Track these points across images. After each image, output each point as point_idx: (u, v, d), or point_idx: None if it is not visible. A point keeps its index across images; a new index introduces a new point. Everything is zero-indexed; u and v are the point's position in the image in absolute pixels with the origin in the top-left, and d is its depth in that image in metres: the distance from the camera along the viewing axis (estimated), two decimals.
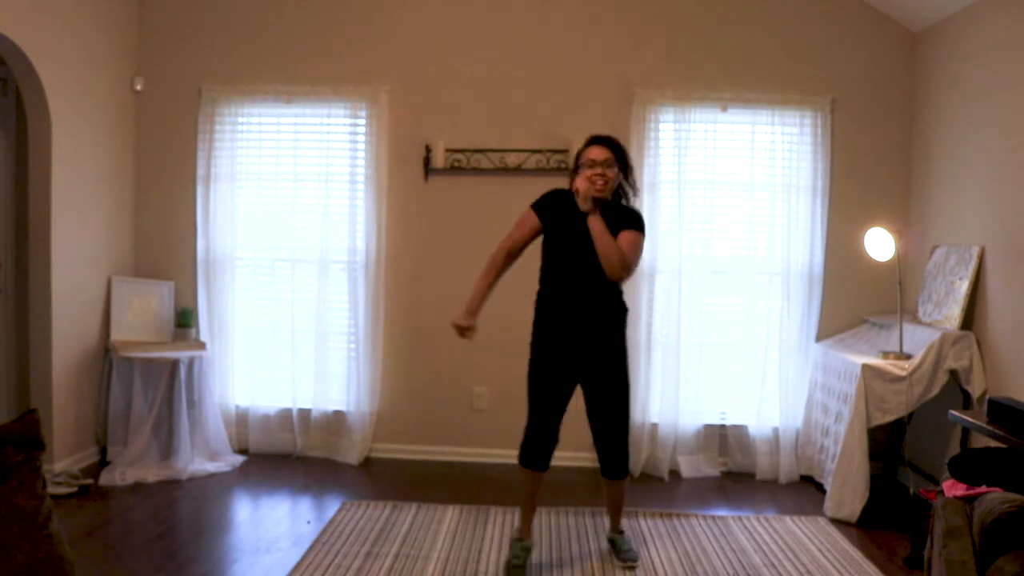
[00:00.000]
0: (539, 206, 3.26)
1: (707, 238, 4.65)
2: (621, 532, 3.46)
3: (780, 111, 4.60)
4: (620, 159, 3.20)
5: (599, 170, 3.11)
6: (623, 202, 3.31)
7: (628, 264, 3.13)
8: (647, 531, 3.70)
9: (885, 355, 3.97)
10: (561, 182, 4.58)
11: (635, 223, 3.21)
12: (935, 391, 3.81)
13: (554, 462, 4.18)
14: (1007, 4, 3.76)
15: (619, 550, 3.38)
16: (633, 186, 3.32)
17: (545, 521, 3.78)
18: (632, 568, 3.27)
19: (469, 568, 3.25)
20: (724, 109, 4.60)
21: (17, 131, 4.41)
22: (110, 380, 4.46)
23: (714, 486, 4.47)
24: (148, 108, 4.85)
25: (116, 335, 4.57)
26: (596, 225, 3.08)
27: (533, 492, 3.32)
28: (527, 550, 3.29)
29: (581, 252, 3.14)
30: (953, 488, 2.62)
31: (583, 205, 3.09)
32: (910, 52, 4.63)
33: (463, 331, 3.25)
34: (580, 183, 3.13)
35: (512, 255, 3.27)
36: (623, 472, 3.32)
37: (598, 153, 3.14)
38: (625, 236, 3.15)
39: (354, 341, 4.73)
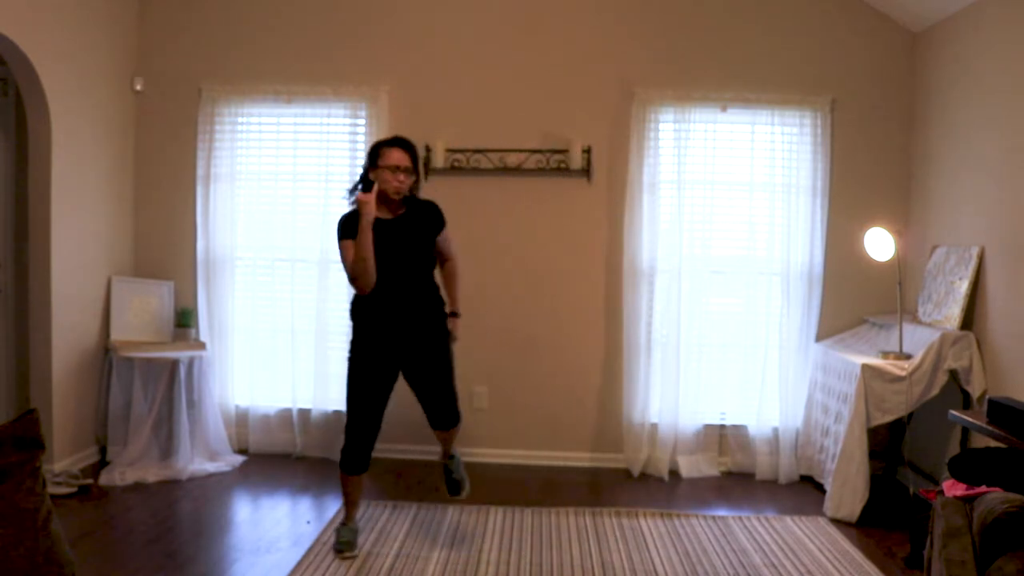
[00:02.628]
0: (347, 225, 3.27)
1: (707, 238, 4.65)
2: (452, 457, 3.67)
3: (780, 111, 4.60)
4: (416, 163, 3.34)
5: (401, 177, 3.26)
6: (417, 194, 3.44)
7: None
8: (647, 531, 3.70)
9: (885, 355, 3.97)
10: (561, 182, 4.64)
11: (442, 220, 3.45)
12: (935, 391, 3.81)
13: (554, 462, 4.23)
14: (1007, 4, 3.76)
15: (451, 472, 3.64)
16: (417, 187, 3.44)
17: (545, 521, 3.79)
18: (463, 493, 3.63)
19: (469, 568, 3.25)
20: (724, 109, 4.60)
21: (17, 131, 4.40)
22: (110, 380, 4.46)
23: (714, 486, 4.47)
24: (148, 108, 4.85)
25: (116, 335, 4.57)
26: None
27: (357, 490, 3.49)
28: (354, 531, 3.45)
29: (392, 257, 3.27)
30: (953, 488, 2.62)
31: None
32: (910, 52, 4.64)
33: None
34: (379, 185, 3.25)
35: (361, 270, 3.25)
36: (455, 420, 3.55)
37: (400, 158, 3.26)
38: (448, 239, 3.49)
39: None
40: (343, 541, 3.38)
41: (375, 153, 3.31)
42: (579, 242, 4.72)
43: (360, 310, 3.37)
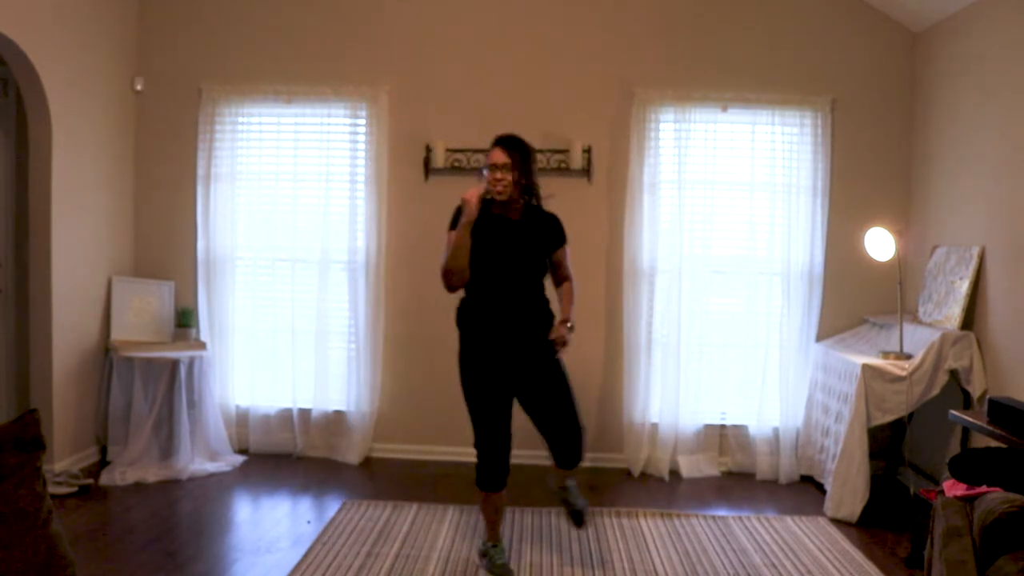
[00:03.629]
0: (454, 223, 3.20)
1: (707, 238, 4.65)
2: (571, 484, 3.38)
3: (780, 111, 4.60)
4: (522, 160, 3.16)
5: (499, 174, 3.13)
6: (535, 201, 3.28)
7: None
8: (647, 531, 3.70)
9: (885, 355, 3.97)
10: (561, 182, 4.62)
11: (563, 236, 3.30)
12: (935, 391, 3.81)
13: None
14: (1007, 4, 3.76)
15: (569, 501, 3.35)
16: (536, 183, 3.25)
17: (545, 521, 3.79)
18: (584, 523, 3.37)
19: (469, 568, 3.25)
20: (724, 109, 4.60)
21: (17, 131, 4.40)
22: (110, 380, 4.46)
23: (714, 486, 4.47)
24: (148, 108, 4.85)
25: (116, 335, 4.57)
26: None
27: (499, 509, 3.28)
28: (503, 551, 3.29)
29: (502, 258, 3.15)
30: (953, 488, 2.62)
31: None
32: (910, 52, 4.63)
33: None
34: (476, 190, 3.12)
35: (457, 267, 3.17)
36: (578, 459, 3.28)
37: (498, 156, 3.14)
38: (565, 257, 3.31)
39: (354, 341, 4.73)
40: (498, 564, 3.20)
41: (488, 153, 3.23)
42: (579, 242, 4.67)
43: (465, 315, 3.22)
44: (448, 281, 3.16)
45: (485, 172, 3.18)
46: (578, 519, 3.33)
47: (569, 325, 3.21)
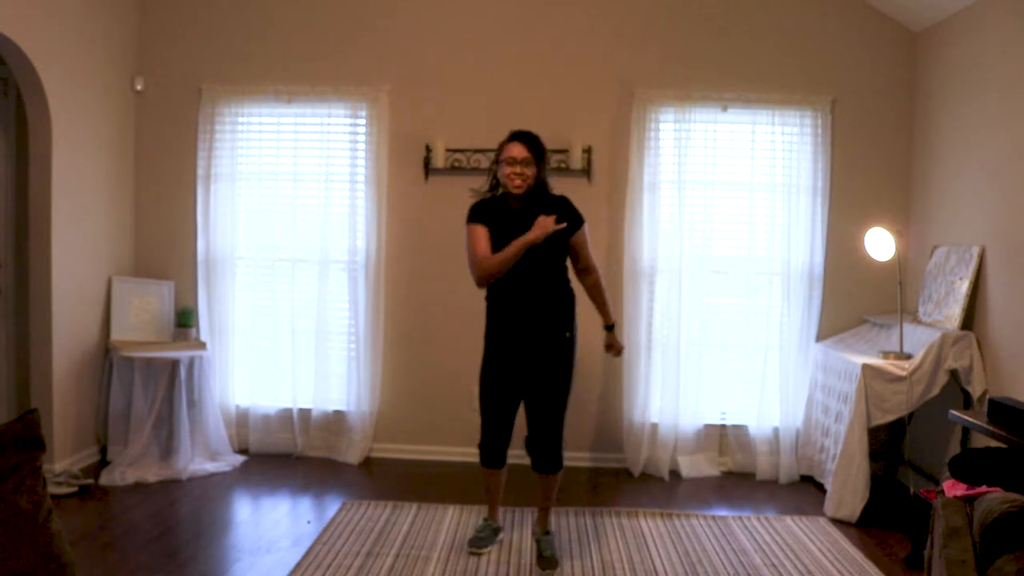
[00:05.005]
0: (479, 217, 3.32)
1: (707, 238, 4.65)
2: (547, 531, 3.40)
3: (780, 111, 4.60)
4: (539, 156, 3.24)
5: (518, 169, 3.19)
6: (551, 191, 3.34)
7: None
8: (647, 531, 3.70)
9: (885, 355, 3.97)
10: (561, 182, 4.60)
11: (580, 218, 3.31)
12: (935, 391, 3.81)
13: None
14: (1007, 4, 3.76)
15: (541, 551, 3.30)
16: (547, 180, 3.32)
17: None
18: (551, 572, 3.20)
19: (469, 568, 3.25)
20: (724, 109, 4.60)
21: (17, 131, 4.40)
22: (110, 380, 4.46)
23: (714, 486, 4.47)
24: (148, 108, 4.85)
25: (116, 335, 4.57)
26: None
27: (497, 486, 3.47)
28: (495, 531, 3.43)
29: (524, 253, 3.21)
30: (953, 488, 2.62)
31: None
32: (910, 52, 4.63)
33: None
34: (501, 177, 3.24)
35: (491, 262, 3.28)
36: (556, 467, 3.33)
37: (517, 151, 3.20)
38: (586, 242, 3.34)
39: (354, 341, 4.73)
40: (478, 536, 3.41)
41: (499, 149, 3.29)
42: None
43: (493, 299, 3.34)
44: (483, 282, 3.28)
45: (500, 166, 3.24)
46: (544, 565, 3.24)
47: (612, 328, 3.42)
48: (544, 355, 3.26)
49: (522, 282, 3.25)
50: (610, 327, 3.49)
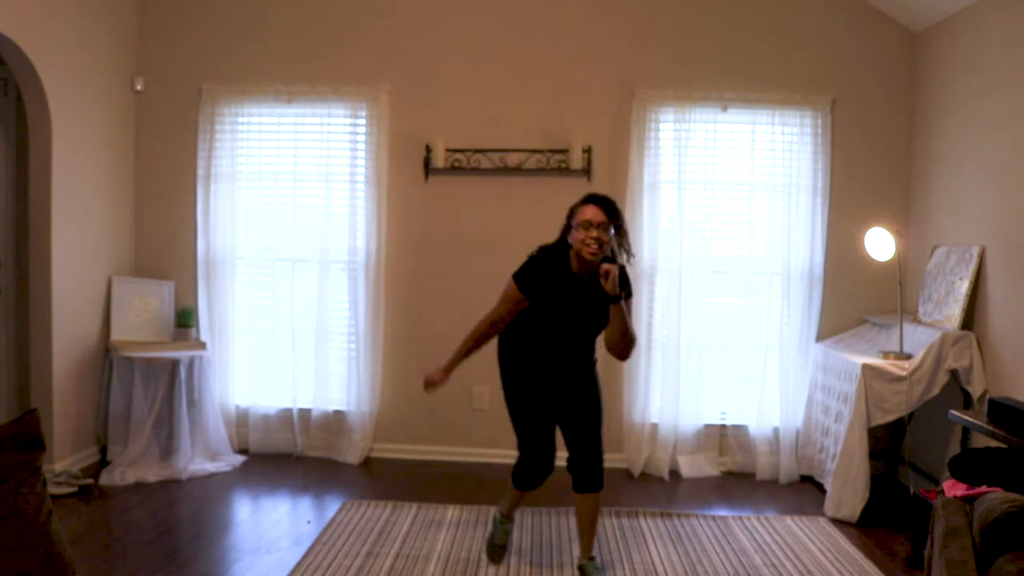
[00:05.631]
0: (523, 282, 3.03)
1: (707, 238, 4.65)
2: (592, 559, 3.18)
3: (780, 111, 4.60)
4: (615, 221, 2.98)
5: (594, 233, 2.90)
6: (619, 258, 3.10)
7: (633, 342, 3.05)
8: (647, 531, 3.70)
9: (885, 355, 3.97)
10: (561, 182, 4.62)
11: (629, 289, 3.02)
12: (935, 391, 3.81)
13: (555, 463, 4.15)
14: (1007, 4, 3.76)
15: None
16: (628, 249, 3.09)
17: (545, 521, 3.78)
18: None
19: (469, 568, 3.25)
20: (724, 109, 4.60)
21: (17, 131, 4.40)
22: (110, 380, 4.46)
23: (714, 486, 4.47)
24: (148, 108, 4.85)
25: (116, 335, 4.57)
26: (617, 313, 2.93)
27: (522, 499, 3.31)
28: (508, 532, 3.32)
29: (574, 317, 3.03)
30: (953, 488, 2.62)
31: (608, 288, 2.86)
32: (910, 52, 4.63)
33: (431, 385, 3.19)
34: (575, 244, 2.96)
35: (497, 327, 3.12)
36: (597, 485, 3.11)
37: (594, 214, 2.92)
38: (626, 313, 3.00)
39: (354, 341, 4.73)
40: (497, 545, 3.26)
41: (571, 213, 3.03)
42: None
43: (516, 352, 3.13)
44: (487, 336, 3.12)
45: (574, 229, 2.95)
46: None
47: (617, 267, 2.89)
48: (573, 384, 3.15)
49: (557, 346, 3.07)
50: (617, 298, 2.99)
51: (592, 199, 3.00)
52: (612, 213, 2.96)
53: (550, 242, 3.12)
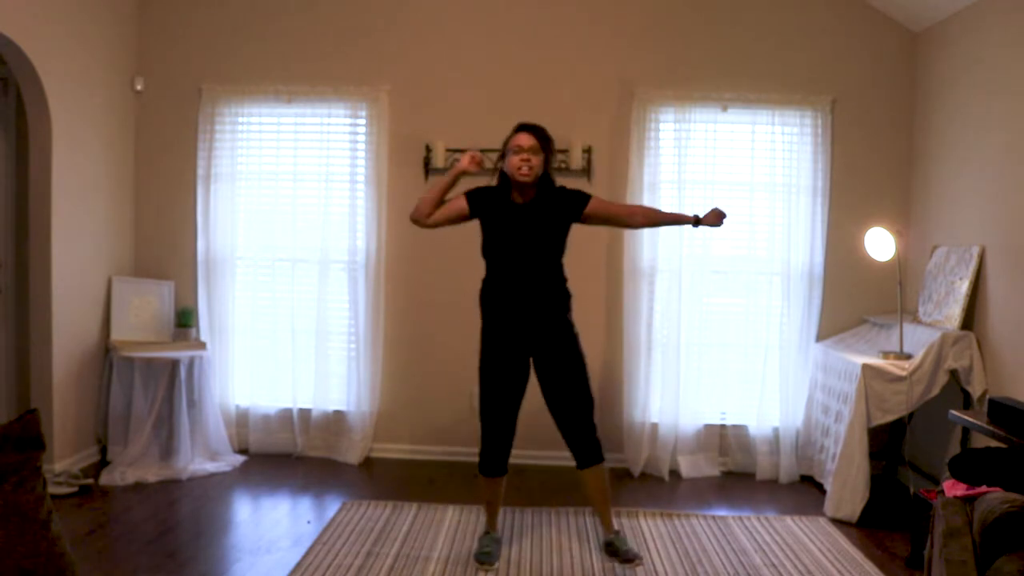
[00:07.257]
0: (472, 197, 3.35)
1: (707, 238, 4.64)
2: (617, 532, 3.42)
3: (780, 111, 4.60)
4: (545, 147, 3.27)
5: (525, 156, 3.21)
6: (557, 184, 3.37)
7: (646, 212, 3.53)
8: (647, 531, 3.70)
9: (885, 355, 3.97)
10: (561, 182, 4.57)
11: (583, 196, 3.35)
12: (935, 391, 3.81)
13: (554, 462, 4.19)
14: (1007, 4, 3.76)
15: (618, 552, 3.34)
16: (552, 172, 3.36)
17: (545, 521, 3.78)
18: (637, 563, 3.27)
19: (469, 568, 3.25)
20: (724, 109, 4.60)
21: (17, 131, 4.40)
22: (110, 380, 4.46)
23: (714, 486, 4.47)
24: (148, 108, 4.85)
25: (116, 335, 4.57)
26: (674, 222, 3.52)
27: (498, 496, 3.43)
28: (496, 541, 3.38)
29: (520, 243, 3.25)
30: (953, 488, 2.62)
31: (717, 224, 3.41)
32: (910, 52, 4.63)
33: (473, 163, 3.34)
34: (508, 167, 3.27)
35: (423, 209, 3.37)
36: (598, 456, 3.34)
37: (525, 139, 3.24)
38: (606, 203, 3.48)
39: (354, 341, 4.73)
40: (484, 552, 3.30)
41: (506, 141, 3.31)
42: (579, 242, 4.66)
43: (487, 296, 3.32)
44: (415, 216, 3.37)
45: (508, 156, 3.26)
46: (628, 557, 3.31)
47: (705, 215, 3.42)
48: (550, 342, 3.27)
49: (517, 277, 3.26)
50: (695, 223, 3.42)
51: (523, 127, 3.29)
52: (541, 137, 3.26)
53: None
